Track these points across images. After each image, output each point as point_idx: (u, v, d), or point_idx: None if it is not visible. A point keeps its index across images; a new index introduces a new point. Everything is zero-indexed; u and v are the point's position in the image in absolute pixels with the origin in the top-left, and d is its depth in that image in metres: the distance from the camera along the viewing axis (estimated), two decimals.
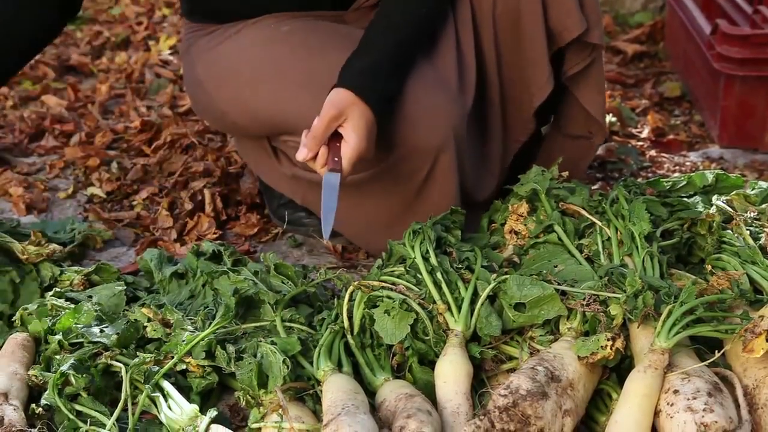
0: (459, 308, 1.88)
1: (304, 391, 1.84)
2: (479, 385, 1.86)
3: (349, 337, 1.93)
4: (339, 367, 1.85)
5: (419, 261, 1.96)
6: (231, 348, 1.94)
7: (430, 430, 1.63)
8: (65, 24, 2.41)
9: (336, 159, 2.02)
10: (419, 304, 1.90)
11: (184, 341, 1.96)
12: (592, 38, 2.31)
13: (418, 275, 1.96)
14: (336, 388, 1.77)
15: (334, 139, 2.03)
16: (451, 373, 1.78)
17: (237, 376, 1.87)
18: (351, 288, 1.97)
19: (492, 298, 1.91)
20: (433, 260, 1.97)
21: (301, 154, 2.00)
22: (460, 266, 1.98)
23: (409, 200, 2.28)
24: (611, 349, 1.71)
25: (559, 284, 1.88)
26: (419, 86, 2.15)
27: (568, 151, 2.51)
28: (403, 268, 2.00)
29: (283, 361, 1.84)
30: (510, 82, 2.36)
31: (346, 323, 1.94)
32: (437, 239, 2.05)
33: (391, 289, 1.94)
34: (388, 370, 1.87)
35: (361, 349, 1.91)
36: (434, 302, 1.90)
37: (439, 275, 1.93)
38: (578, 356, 1.73)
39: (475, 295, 1.91)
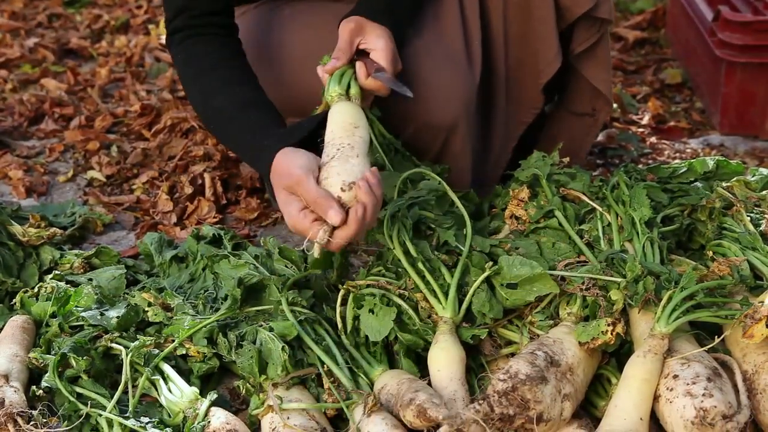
0: (446, 295, 1.88)
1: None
2: (479, 369, 1.87)
3: (343, 336, 1.94)
4: (347, 92, 1.92)
5: (398, 253, 1.96)
6: (232, 336, 1.94)
7: (441, 401, 1.65)
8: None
9: (374, 64, 1.99)
10: (401, 295, 1.91)
11: (186, 326, 1.96)
12: (601, 13, 2.30)
13: (400, 269, 1.97)
14: (336, 121, 1.85)
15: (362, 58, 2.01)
16: (444, 360, 1.79)
17: (237, 364, 1.88)
18: (342, 291, 1.98)
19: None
20: (412, 250, 1.96)
21: (330, 65, 1.96)
22: (437, 252, 1.98)
23: None
24: (612, 334, 1.71)
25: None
26: (428, 62, 2.14)
27: (572, 128, 2.52)
28: (383, 267, 2.02)
29: (282, 348, 1.84)
30: (516, 60, 2.35)
31: (339, 324, 1.96)
32: (417, 221, 2.05)
33: (375, 287, 1.95)
34: (385, 362, 1.88)
35: (356, 348, 1.92)
36: (419, 292, 1.91)
37: (420, 265, 1.93)
38: (579, 342, 1.73)
39: (462, 279, 1.91)
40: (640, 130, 3.26)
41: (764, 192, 2.20)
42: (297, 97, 2.23)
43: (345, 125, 1.85)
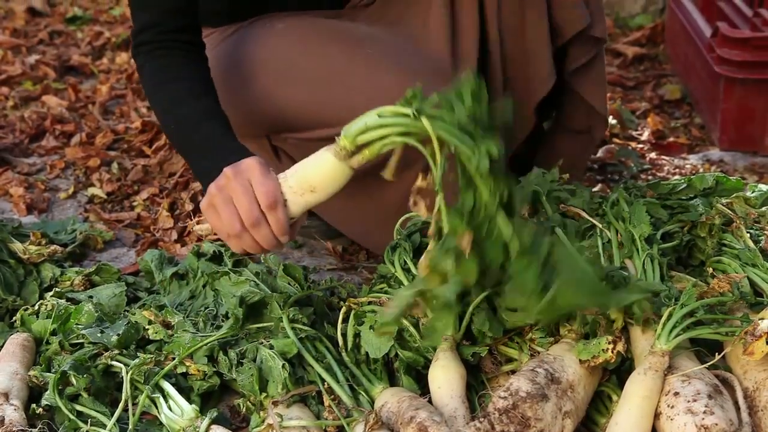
0: None
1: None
2: (480, 386, 1.87)
3: (344, 353, 1.94)
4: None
5: (399, 273, 1.96)
6: (232, 353, 1.94)
7: (441, 419, 1.64)
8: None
9: None
10: None
11: (187, 344, 1.96)
12: (595, 32, 2.33)
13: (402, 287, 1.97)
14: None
15: None
16: (445, 377, 1.78)
17: (238, 382, 1.88)
18: (344, 308, 1.98)
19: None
20: (413, 270, 1.96)
21: None
22: None
23: (408, 194, 2.28)
24: (612, 352, 1.71)
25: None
26: (410, 75, 2.14)
27: (569, 146, 2.53)
28: (386, 284, 2.03)
29: (283, 366, 1.84)
30: (513, 77, 2.36)
31: (340, 341, 1.96)
32: (419, 246, 2.06)
33: (377, 304, 1.95)
34: (385, 380, 1.88)
35: (357, 365, 1.92)
36: None
37: None
38: (580, 360, 1.73)
39: (464, 296, 1.91)
40: (640, 145, 3.27)
41: (764, 208, 2.20)
42: (279, 113, 2.24)
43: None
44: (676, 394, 1.63)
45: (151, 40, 2.12)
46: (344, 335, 1.96)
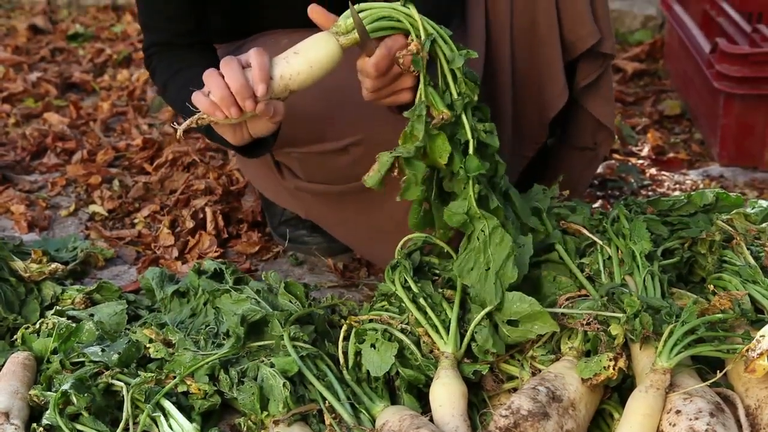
0: (447, 330, 1.88)
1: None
2: (481, 404, 1.86)
3: (345, 372, 1.94)
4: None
5: (400, 291, 1.97)
6: (233, 372, 1.94)
7: None
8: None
9: None
10: (403, 330, 1.92)
11: (188, 363, 1.95)
12: (605, 48, 2.34)
13: (402, 305, 1.97)
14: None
15: None
16: (446, 395, 1.78)
17: (239, 401, 1.88)
18: (345, 326, 1.98)
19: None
20: (414, 288, 1.97)
21: None
22: (441, 290, 1.99)
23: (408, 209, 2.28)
24: (614, 369, 1.71)
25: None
26: None
27: (574, 163, 2.54)
28: (386, 302, 2.03)
29: (284, 384, 1.84)
30: (523, 94, 2.37)
31: (341, 359, 1.96)
32: (419, 265, 2.07)
33: (378, 322, 1.95)
34: (386, 398, 1.87)
35: (358, 383, 1.92)
36: (421, 327, 1.91)
37: (421, 300, 1.94)
38: (582, 378, 1.72)
39: (464, 314, 1.91)
40: (640, 161, 3.27)
41: (764, 224, 2.20)
42: (283, 128, 2.25)
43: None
44: (678, 412, 1.63)
45: (162, 50, 2.19)
46: (345, 353, 1.96)
